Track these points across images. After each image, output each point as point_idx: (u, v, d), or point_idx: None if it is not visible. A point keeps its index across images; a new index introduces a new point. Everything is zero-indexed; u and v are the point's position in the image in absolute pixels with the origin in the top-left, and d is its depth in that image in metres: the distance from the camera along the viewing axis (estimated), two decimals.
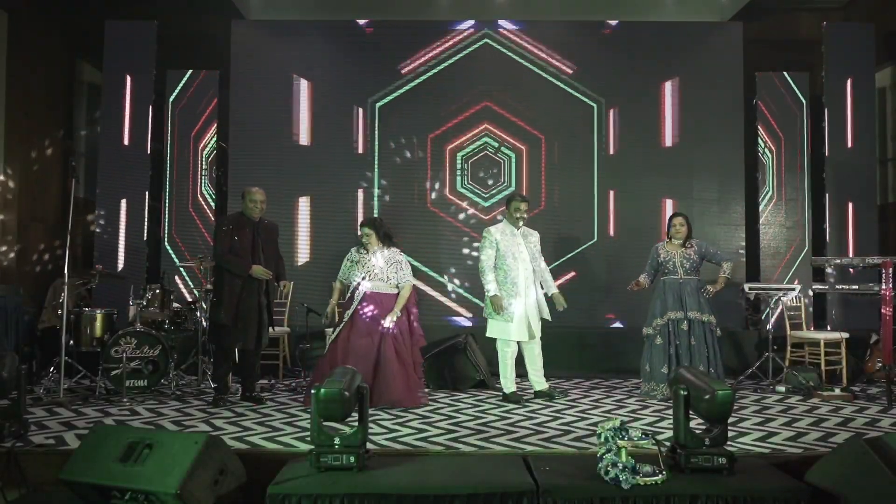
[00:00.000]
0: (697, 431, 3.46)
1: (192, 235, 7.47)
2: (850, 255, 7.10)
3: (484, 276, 5.52)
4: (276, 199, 7.42)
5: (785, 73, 7.57)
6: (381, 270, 5.40)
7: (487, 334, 5.62)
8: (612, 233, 7.50)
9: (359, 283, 5.38)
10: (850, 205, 7.29)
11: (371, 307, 5.32)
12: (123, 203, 7.31)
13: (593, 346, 6.95)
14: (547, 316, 5.61)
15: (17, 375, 4.03)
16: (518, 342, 5.55)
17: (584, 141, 7.56)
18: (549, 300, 5.65)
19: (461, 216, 7.52)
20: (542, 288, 5.66)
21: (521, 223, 5.57)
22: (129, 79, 7.38)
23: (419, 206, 7.53)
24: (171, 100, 7.56)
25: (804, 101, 7.54)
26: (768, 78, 7.55)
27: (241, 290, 5.23)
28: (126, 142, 7.36)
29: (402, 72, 7.59)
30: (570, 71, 7.58)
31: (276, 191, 7.45)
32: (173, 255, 7.42)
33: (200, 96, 7.57)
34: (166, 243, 7.46)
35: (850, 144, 7.34)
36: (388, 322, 5.30)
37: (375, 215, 7.16)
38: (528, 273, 5.53)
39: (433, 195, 7.54)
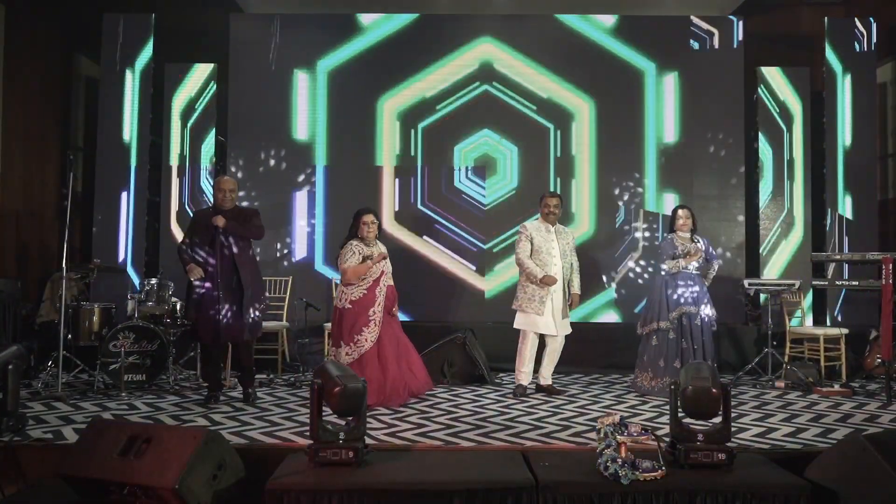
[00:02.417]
0: (699, 427, 3.46)
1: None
2: (850, 250, 7.09)
3: (523, 265, 5.59)
4: (273, 193, 7.46)
5: (785, 69, 7.54)
6: (389, 265, 5.38)
7: (515, 325, 5.67)
8: (610, 228, 7.48)
9: (377, 280, 5.22)
10: (851, 200, 7.28)
11: (388, 304, 5.28)
12: (121, 197, 7.27)
13: (593, 342, 6.93)
14: (568, 328, 5.69)
15: (4, 370, 3.95)
16: (544, 337, 5.64)
17: (583, 136, 7.54)
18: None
19: (459, 214, 7.50)
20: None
21: (553, 219, 5.66)
22: (126, 72, 7.34)
23: (417, 202, 7.51)
24: (169, 93, 7.52)
25: (805, 97, 7.52)
26: (769, 73, 7.52)
27: (199, 287, 5.07)
28: (124, 135, 7.33)
29: (401, 66, 7.54)
30: (568, 66, 7.54)
31: (273, 185, 7.47)
32: (173, 249, 7.38)
33: (199, 90, 7.53)
34: (164, 237, 7.43)
35: (850, 140, 7.33)
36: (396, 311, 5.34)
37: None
38: (559, 270, 5.57)
39: (431, 192, 7.52)
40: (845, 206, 7.27)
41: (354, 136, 7.54)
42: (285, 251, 7.42)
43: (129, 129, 7.33)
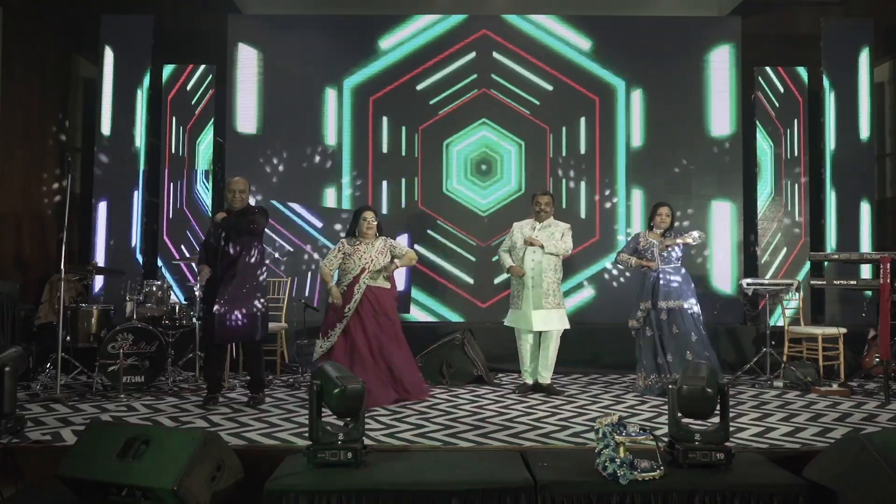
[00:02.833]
0: (699, 427, 3.46)
1: (189, 231, 7.45)
2: (849, 250, 7.10)
3: (499, 257, 5.84)
4: (273, 194, 7.46)
5: (783, 68, 7.55)
6: (377, 263, 5.31)
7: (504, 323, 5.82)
8: (608, 229, 7.49)
9: (357, 277, 5.26)
10: (849, 200, 7.29)
11: (370, 303, 5.24)
12: (120, 198, 7.27)
13: (591, 342, 6.94)
14: (550, 326, 5.60)
15: (1, 372, 3.92)
16: (539, 334, 5.65)
17: (581, 138, 7.55)
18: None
19: (458, 214, 7.50)
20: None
21: (544, 217, 5.69)
22: (125, 74, 7.34)
23: (415, 204, 7.51)
24: (167, 95, 7.52)
25: (803, 97, 7.53)
26: (767, 73, 7.53)
27: (207, 286, 5.16)
28: (122, 137, 7.33)
29: (400, 67, 7.55)
30: (566, 67, 7.56)
31: (273, 186, 7.47)
32: (171, 251, 7.39)
33: (197, 91, 7.54)
34: (163, 238, 7.43)
35: (848, 140, 7.34)
36: (394, 267, 5.30)
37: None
38: (534, 265, 5.55)
39: (430, 193, 7.52)
40: (844, 206, 7.28)
41: (352, 138, 7.54)
42: (290, 251, 7.44)
43: (128, 131, 7.33)
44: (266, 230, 5.70)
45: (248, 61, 7.52)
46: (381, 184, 7.54)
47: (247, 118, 7.50)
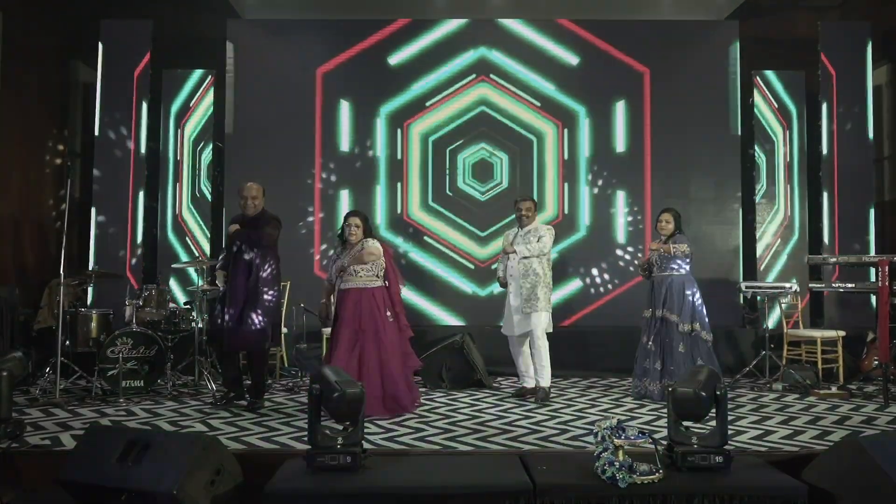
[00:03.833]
0: (699, 431, 3.47)
1: (189, 235, 7.45)
2: (847, 253, 7.11)
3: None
4: (272, 198, 7.45)
5: (781, 72, 7.57)
6: (355, 264, 5.05)
7: None
8: (607, 232, 7.50)
9: (335, 285, 5.14)
10: (847, 203, 7.30)
11: (345, 309, 5.01)
12: (119, 203, 7.27)
13: (590, 345, 6.95)
14: (522, 329, 5.56)
15: None
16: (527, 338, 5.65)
17: (579, 140, 7.56)
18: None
19: (456, 218, 7.51)
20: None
21: (526, 222, 5.67)
22: (123, 78, 7.35)
23: (414, 207, 7.52)
24: (166, 100, 7.53)
25: (800, 100, 7.55)
26: (764, 76, 7.55)
27: (222, 293, 5.16)
28: (121, 141, 7.33)
29: (400, 70, 7.57)
30: (564, 69, 7.57)
31: (273, 190, 7.46)
32: (171, 255, 7.38)
33: (196, 96, 7.55)
34: (163, 243, 7.43)
35: (846, 143, 7.35)
36: (346, 263, 4.96)
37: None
38: (513, 271, 5.58)
39: (428, 197, 7.53)
40: (842, 209, 7.29)
41: (351, 142, 7.55)
42: (289, 262, 7.41)
43: (127, 136, 7.33)
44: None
45: (246, 66, 7.53)
46: (392, 187, 7.53)
47: (245, 123, 7.50)
